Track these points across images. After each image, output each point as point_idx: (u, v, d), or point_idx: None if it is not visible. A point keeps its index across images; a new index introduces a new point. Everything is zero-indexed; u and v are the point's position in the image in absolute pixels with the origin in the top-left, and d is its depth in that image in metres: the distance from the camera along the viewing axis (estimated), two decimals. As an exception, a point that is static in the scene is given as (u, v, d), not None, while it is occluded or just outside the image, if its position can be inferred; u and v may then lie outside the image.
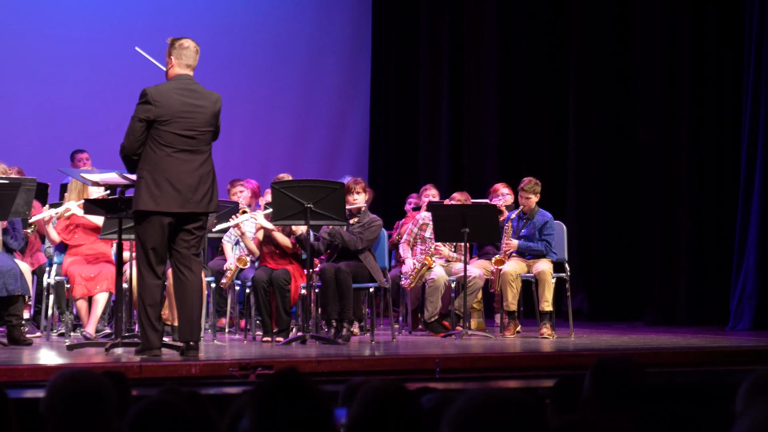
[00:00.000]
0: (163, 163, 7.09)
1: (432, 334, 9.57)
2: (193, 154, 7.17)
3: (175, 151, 7.11)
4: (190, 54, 7.30)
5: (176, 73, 7.30)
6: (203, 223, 7.28)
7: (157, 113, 7.09)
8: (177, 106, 7.14)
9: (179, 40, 7.33)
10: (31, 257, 9.56)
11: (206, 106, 7.25)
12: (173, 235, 7.17)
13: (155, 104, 7.11)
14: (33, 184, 9.06)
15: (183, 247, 7.19)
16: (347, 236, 9.02)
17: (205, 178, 7.19)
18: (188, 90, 7.23)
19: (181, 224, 7.17)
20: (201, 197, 7.16)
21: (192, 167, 7.14)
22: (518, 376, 6.97)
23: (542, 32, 12.81)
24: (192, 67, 7.32)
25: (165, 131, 7.10)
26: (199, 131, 7.19)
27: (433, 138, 13.35)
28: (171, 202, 7.07)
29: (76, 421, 3.00)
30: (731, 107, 11.13)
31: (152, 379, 6.36)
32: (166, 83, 7.29)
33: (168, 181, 7.07)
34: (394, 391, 2.86)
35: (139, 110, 7.13)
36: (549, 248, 9.59)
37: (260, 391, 2.79)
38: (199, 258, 7.34)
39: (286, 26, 13.45)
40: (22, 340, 8.24)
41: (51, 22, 12.61)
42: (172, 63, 7.31)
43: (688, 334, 9.82)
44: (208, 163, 7.24)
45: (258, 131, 13.13)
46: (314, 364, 6.83)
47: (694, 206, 11.30)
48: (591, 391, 3.36)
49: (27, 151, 11.89)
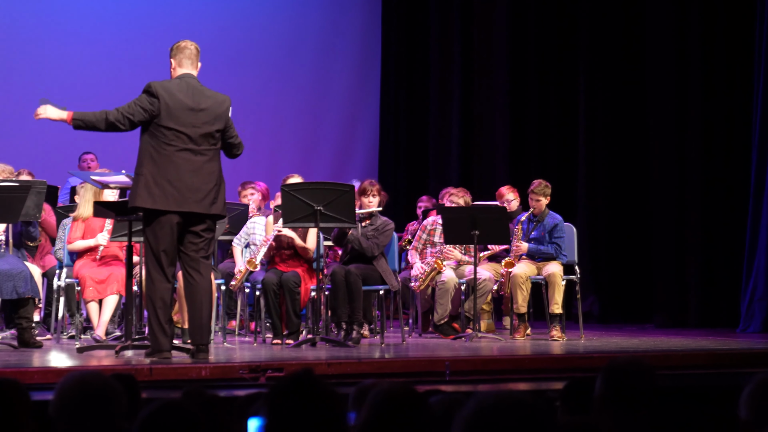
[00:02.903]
0: (163, 161, 7.05)
1: (442, 336, 9.57)
2: (195, 154, 7.13)
3: (177, 150, 7.08)
4: (190, 53, 7.30)
5: (178, 74, 7.31)
6: (210, 225, 7.25)
7: (161, 107, 7.09)
8: (180, 105, 7.13)
9: (177, 43, 7.35)
10: (42, 260, 9.57)
11: (210, 107, 7.22)
12: (181, 238, 7.16)
13: (159, 98, 7.10)
14: (43, 186, 9.08)
15: (191, 250, 7.17)
16: (365, 243, 9.02)
17: (207, 178, 7.13)
18: (192, 88, 7.22)
19: (187, 226, 7.14)
20: (202, 197, 7.09)
21: (193, 167, 7.10)
22: (528, 378, 6.96)
23: (552, 35, 12.80)
24: (194, 66, 7.32)
25: (166, 128, 7.07)
26: (202, 131, 7.16)
27: (442, 140, 13.35)
28: (169, 200, 7.02)
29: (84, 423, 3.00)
30: (741, 108, 11.10)
31: (162, 382, 6.37)
32: (170, 80, 7.29)
33: (167, 180, 7.03)
34: (403, 394, 2.85)
35: (144, 100, 7.11)
36: (559, 251, 9.57)
37: (275, 392, 2.79)
38: (208, 261, 7.32)
39: (296, 28, 13.46)
40: (32, 342, 8.24)
41: (62, 25, 12.63)
42: (174, 65, 7.33)
43: (698, 336, 9.80)
44: (213, 165, 7.18)
45: (267, 133, 13.13)
46: (324, 367, 6.82)
47: (704, 208, 11.27)
48: (602, 394, 3.35)
49: (37, 153, 11.90)
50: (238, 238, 9.66)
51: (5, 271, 8.21)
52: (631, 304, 11.92)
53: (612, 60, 12.10)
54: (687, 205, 11.35)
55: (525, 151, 12.85)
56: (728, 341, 9.27)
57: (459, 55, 13.22)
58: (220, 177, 7.23)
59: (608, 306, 11.98)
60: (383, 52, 13.77)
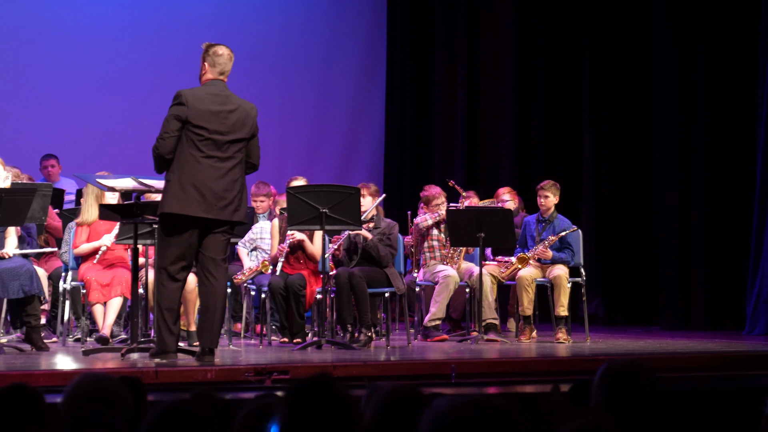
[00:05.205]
0: (191, 166, 7.10)
1: (428, 340, 9.49)
2: (222, 161, 7.17)
3: (204, 156, 7.12)
4: (223, 61, 7.34)
5: (209, 79, 7.33)
6: (229, 229, 7.28)
7: (189, 114, 7.12)
8: (208, 111, 7.17)
9: (214, 47, 7.36)
10: (46, 262, 9.58)
11: (237, 113, 7.26)
12: (200, 239, 7.18)
13: (188, 105, 7.13)
14: (49, 189, 9.10)
15: (211, 251, 7.19)
16: (383, 251, 9.05)
17: (231, 185, 7.18)
18: (220, 96, 7.26)
19: (208, 230, 7.17)
20: (225, 205, 7.14)
21: (219, 173, 7.15)
22: (534, 380, 6.96)
23: (558, 36, 12.79)
24: (225, 73, 7.36)
25: (195, 134, 7.11)
26: (229, 138, 7.20)
27: (448, 143, 13.34)
28: (196, 206, 7.07)
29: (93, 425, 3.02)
30: (747, 111, 11.09)
31: (168, 385, 6.38)
32: (199, 87, 7.32)
33: (194, 186, 7.08)
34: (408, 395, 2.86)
35: (174, 110, 7.16)
36: (572, 256, 9.62)
37: (292, 395, 2.80)
38: (226, 264, 7.33)
39: (301, 31, 13.46)
40: (40, 345, 8.24)
41: (66, 29, 12.64)
42: (206, 69, 7.35)
43: (703, 338, 9.79)
44: (237, 171, 7.23)
45: (273, 136, 13.11)
46: (330, 369, 6.83)
47: (709, 211, 11.26)
48: (600, 398, 3.34)
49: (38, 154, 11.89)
50: (243, 242, 9.68)
51: (10, 269, 8.22)
52: (636, 306, 11.90)
53: (618, 63, 12.08)
54: (692, 207, 11.33)
55: (531, 154, 12.84)
56: (734, 344, 9.26)
57: (464, 56, 13.21)
58: (243, 184, 7.28)
59: (614, 308, 11.96)
60: (388, 54, 13.77)
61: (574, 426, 2.74)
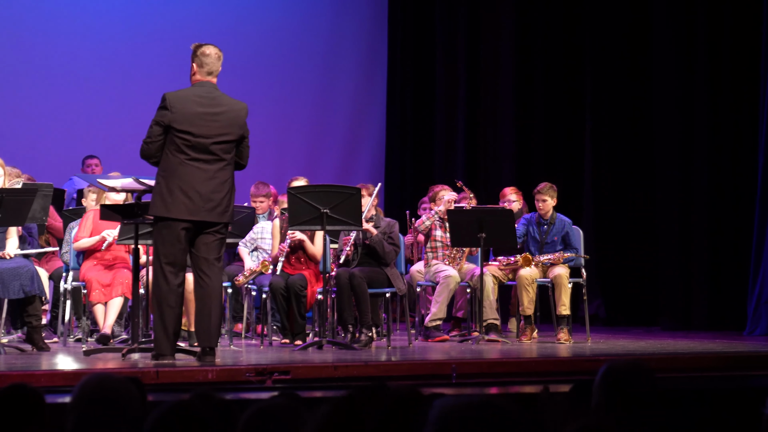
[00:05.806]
0: (177, 169, 7.10)
1: (429, 340, 9.50)
2: (209, 163, 7.16)
3: (189, 158, 7.12)
4: (211, 61, 7.31)
5: (198, 80, 7.32)
6: (221, 228, 7.28)
7: (172, 119, 7.11)
8: (193, 113, 7.15)
9: (201, 47, 7.34)
10: (47, 263, 9.58)
11: (225, 115, 7.24)
12: (193, 240, 7.19)
13: (171, 110, 7.12)
14: (50, 189, 9.10)
15: (203, 252, 7.20)
16: (388, 248, 9.06)
17: (220, 187, 7.17)
18: (207, 98, 7.24)
19: (199, 231, 7.18)
20: (213, 207, 7.14)
21: (206, 176, 7.13)
22: (535, 381, 6.96)
23: (558, 36, 12.79)
24: (215, 74, 7.33)
25: (179, 139, 7.11)
26: (216, 140, 7.18)
27: (448, 143, 13.35)
28: (182, 209, 7.07)
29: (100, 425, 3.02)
30: (747, 111, 11.09)
31: (169, 385, 6.38)
32: (186, 89, 7.31)
33: (180, 189, 7.08)
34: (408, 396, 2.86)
35: (157, 115, 7.17)
36: (577, 252, 9.65)
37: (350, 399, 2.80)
38: (220, 263, 7.34)
39: (302, 32, 13.47)
40: (41, 345, 8.24)
41: (68, 28, 12.65)
42: (195, 70, 7.34)
43: (704, 339, 9.80)
44: (226, 173, 7.21)
45: (273, 136, 13.14)
46: (331, 370, 6.84)
47: (710, 211, 11.26)
48: (601, 398, 3.34)
49: (44, 156, 11.92)
50: (245, 242, 9.68)
51: (11, 269, 8.22)
52: (637, 306, 11.90)
53: (618, 63, 12.09)
54: (693, 207, 11.33)
55: (531, 154, 12.85)
56: (735, 344, 9.26)
57: (464, 57, 13.22)
58: (232, 185, 7.27)
59: (614, 309, 11.96)
60: (389, 54, 13.78)
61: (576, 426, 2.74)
